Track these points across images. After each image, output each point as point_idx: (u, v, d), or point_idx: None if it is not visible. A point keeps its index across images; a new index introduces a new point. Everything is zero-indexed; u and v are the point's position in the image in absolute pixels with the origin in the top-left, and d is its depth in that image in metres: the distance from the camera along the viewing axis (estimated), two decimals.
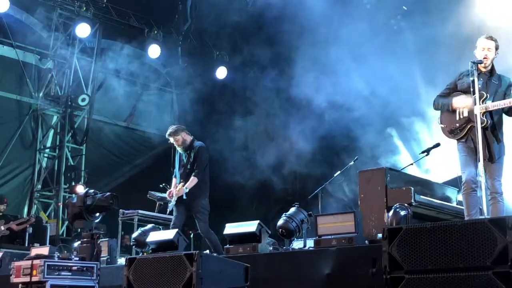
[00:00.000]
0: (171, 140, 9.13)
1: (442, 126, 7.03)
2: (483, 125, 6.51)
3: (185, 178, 8.94)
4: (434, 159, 11.52)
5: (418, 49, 12.40)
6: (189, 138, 9.14)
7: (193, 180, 8.82)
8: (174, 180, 9.23)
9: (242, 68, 12.83)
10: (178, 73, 15.69)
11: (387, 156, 12.33)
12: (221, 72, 14.48)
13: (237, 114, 13.41)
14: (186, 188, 8.76)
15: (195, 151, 9.01)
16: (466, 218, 6.62)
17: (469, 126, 6.72)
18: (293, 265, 6.66)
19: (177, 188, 8.84)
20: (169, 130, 9.16)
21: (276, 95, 12.69)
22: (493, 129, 6.73)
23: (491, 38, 6.83)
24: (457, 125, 6.84)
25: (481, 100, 6.62)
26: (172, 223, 9.03)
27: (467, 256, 4.11)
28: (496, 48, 6.84)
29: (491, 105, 6.60)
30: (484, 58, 6.75)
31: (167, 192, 9.18)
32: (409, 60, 12.14)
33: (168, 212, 9.56)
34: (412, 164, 9.34)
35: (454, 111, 6.91)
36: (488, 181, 6.58)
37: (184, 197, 8.81)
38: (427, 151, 8.66)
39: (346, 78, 11.95)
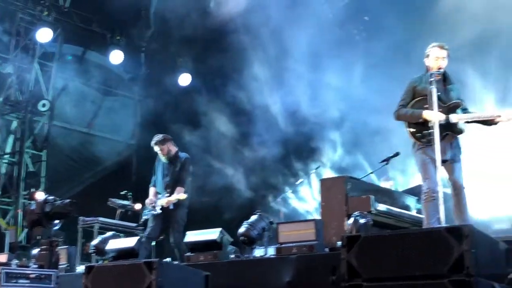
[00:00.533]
0: (156, 148, 9.14)
1: (412, 130, 6.91)
2: (462, 133, 6.69)
3: (171, 188, 8.97)
4: (394, 167, 11.71)
5: (378, 60, 12.56)
6: (174, 149, 9.22)
7: (180, 190, 8.88)
8: (153, 189, 9.24)
9: (205, 75, 12.82)
10: (141, 79, 15.61)
11: (347, 165, 12.44)
12: (184, 79, 14.45)
13: (200, 121, 13.38)
14: (177, 199, 8.77)
15: (181, 162, 9.09)
16: (425, 227, 6.71)
17: (444, 133, 6.77)
18: (255, 273, 6.69)
19: (173, 197, 8.81)
20: (156, 139, 9.17)
21: (239, 103, 12.70)
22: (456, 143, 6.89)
23: (443, 47, 6.94)
24: (430, 130, 6.80)
25: (456, 110, 6.76)
26: (147, 234, 8.98)
27: (424, 264, 4.15)
28: (448, 56, 6.97)
29: (469, 117, 6.73)
30: (439, 68, 6.87)
31: (147, 200, 9.15)
32: (370, 70, 12.28)
33: (141, 220, 9.48)
34: (372, 172, 9.46)
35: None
36: (451, 178, 6.71)
37: (171, 207, 8.82)
38: (387, 160, 8.78)
39: (308, 88, 12.04)
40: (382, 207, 7.84)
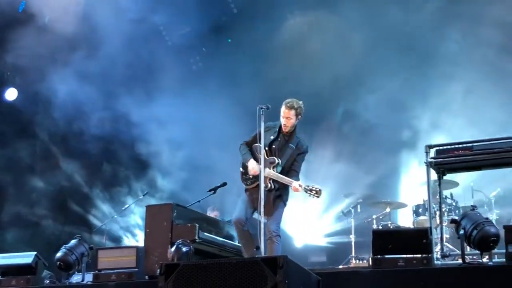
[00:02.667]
0: None
1: (241, 170, 7.43)
2: (266, 188, 6.89)
3: None
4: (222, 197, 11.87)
5: (216, 89, 12.79)
6: None
7: None
8: None
9: (32, 90, 12.24)
10: None
11: (178, 192, 12.42)
12: (11, 94, 13.71)
13: (23, 137, 12.70)
14: None
15: None
16: (244, 255, 7.06)
17: (257, 183, 7.05)
18: None
19: None
20: None
21: (63, 119, 12.25)
22: (277, 194, 7.17)
23: (291, 107, 7.13)
24: (250, 176, 7.20)
25: (272, 166, 7.01)
26: None
27: None
28: (299, 114, 7.19)
29: (274, 176, 6.99)
30: (284, 125, 7.14)
31: None
32: (207, 100, 12.44)
33: None
34: (199, 201, 9.49)
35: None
36: (267, 223, 7.00)
37: None
38: (214, 189, 8.86)
39: (142, 115, 11.94)
40: (206, 236, 7.89)
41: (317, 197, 6.92)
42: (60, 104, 11.75)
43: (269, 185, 6.97)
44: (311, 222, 12.48)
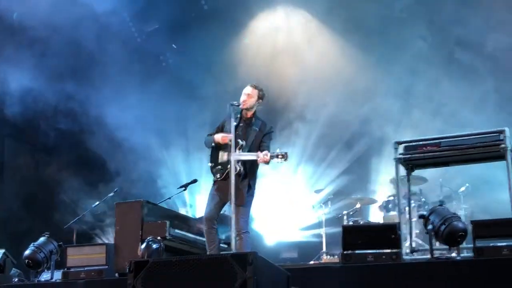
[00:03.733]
0: None
1: (210, 165, 7.38)
2: (236, 172, 6.86)
3: None
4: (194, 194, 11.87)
5: (187, 86, 12.75)
6: None
7: None
8: None
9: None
10: None
11: (146, 190, 12.35)
12: None
13: None
14: None
15: None
16: (208, 252, 7.08)
17: (228, 170, 7.04)
18: None
19: None
20: None
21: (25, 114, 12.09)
22: (245, 177, 7.13)
23: (255, 86, 7.21)
24: (219, 167, 7.19)
25: (237, 148, 6.99)
26: None
27: None
28: (260, 97, 7.21)
29: (242, 156, 6.97)
30: (243, 101, 7.14)
31: None
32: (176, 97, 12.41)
33: None
34: (169, 198, 9.46)
35: (218, 150, 7.23)
36: (236, 220, 6.98)
37: None
38: (185, 186, 8.85)
39: (108, 113, 11.85)
40: (177, 232, 7.87)
41: (285, 160, 6.88)
42: (22, 100, 11.56)
43: (238, 168, 6.97)
44: (282, 219, 12.52)
